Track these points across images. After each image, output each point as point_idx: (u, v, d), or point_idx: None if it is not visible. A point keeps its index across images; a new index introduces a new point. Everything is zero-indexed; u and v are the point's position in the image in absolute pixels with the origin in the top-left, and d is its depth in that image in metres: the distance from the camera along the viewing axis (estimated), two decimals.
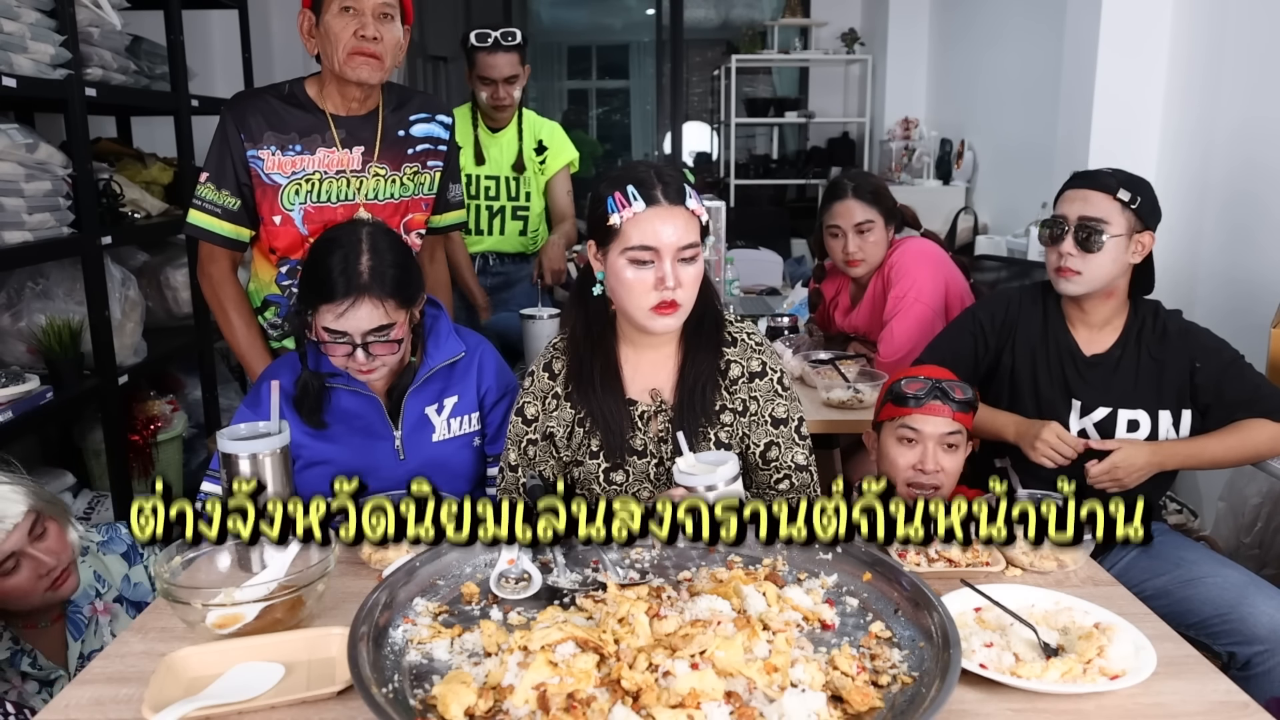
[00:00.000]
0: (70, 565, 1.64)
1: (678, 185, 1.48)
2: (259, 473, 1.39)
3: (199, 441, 3.47)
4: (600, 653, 1.04)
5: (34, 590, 1.58)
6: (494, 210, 3.07)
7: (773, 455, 1.61)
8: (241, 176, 1.97)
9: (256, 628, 1.19)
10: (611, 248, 1.49)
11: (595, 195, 1.53)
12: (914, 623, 1.15)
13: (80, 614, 1.70)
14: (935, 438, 1.68)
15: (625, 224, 1.46)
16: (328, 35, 1.89)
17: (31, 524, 1.58)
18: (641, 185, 1.46)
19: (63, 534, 1.64)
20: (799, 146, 6.81)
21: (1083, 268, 1.83)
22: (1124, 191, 1.82)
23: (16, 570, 1.56)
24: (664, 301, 1.47)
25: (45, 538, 1.60)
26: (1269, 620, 1.63)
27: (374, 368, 1.63)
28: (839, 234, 2.53)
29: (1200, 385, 1.85)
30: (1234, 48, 2.86)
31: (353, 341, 1.59)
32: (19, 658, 1.64)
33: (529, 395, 1.64)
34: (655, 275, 1.46)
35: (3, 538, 1.54)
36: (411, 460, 1.75)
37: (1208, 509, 2.87)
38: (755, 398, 1.61)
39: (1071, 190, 1.87)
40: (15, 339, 2.67)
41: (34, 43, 2.43)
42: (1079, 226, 1.82)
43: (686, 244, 1.47)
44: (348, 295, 1.56)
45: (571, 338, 1.62)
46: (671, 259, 1.46)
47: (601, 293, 1.56)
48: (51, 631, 1.69)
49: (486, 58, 2.88)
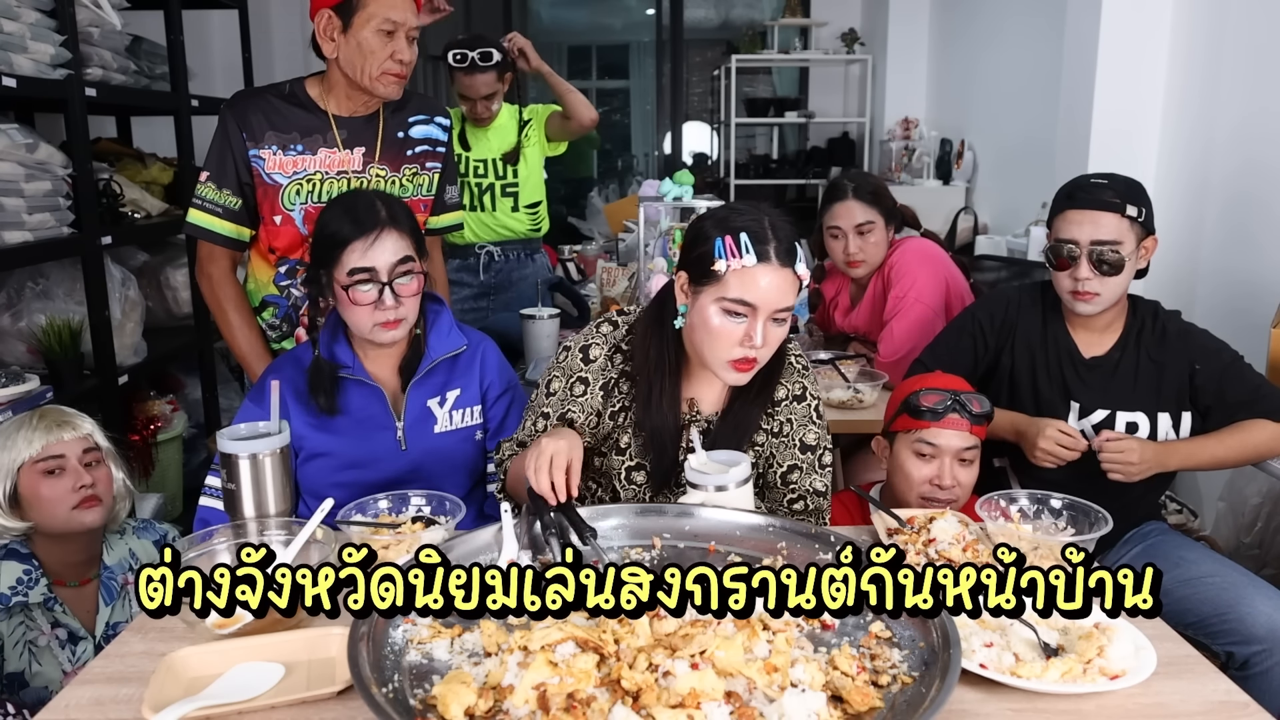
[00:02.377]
0: (104, 500, 1.79)
1: (789, 244, 1.42)
2: (259, 473, 1.39)
3: (199, 441, 3.47)
4: (600, 653, 1.04)
5: (65, 500, 1.73)
6: (483, 187, 3.14)
7: (793, 479, 1.61)
8: (243, 176, 1.97)
9: (256, 628, 1.19)
10: (706, 290, 1.43)
11: (699, 231, 1.46)
12: (914, 623, 1.15)
13: (114, 580, 1.83)
14: (953, 452, 1.67)
15: (729, 273, 1.40)
16: (360, 49, 1.89)
17: (89, 448, 1.79)
18: (756, 239, 1.39)
19: (110, 476, 1.82)
20: (799, 146, 6.80)
21: (1101, 289, 1.81)
22: (1132, 208, 1.79)
23: (58, 474, 1.74)
24: (745, 358, 1.43)
25: (95, 468, 1.79)
26: (1267, 620, 1.63)
27: (399, 317, 1.67)
28: (839, 234, 2.53)
29: (1200, 387, 1.85)
30: (1233, 48, 2.86)
31: (379, 280, 1.63)
32: (52, 604, 1.76)
33: (557, 370, 1.60)
34: (744, 330, 1.41)
35: (59, 440, 1.76)
36: (413, 451, 1.76)
37: (1208, 509, 2.87)
38: (791, 420, 1.60)
39: (1076, 211, 1.82)
40: (15, 339, 2.67)
41: (34, 43, 2.43)
42: (1093, 251, 1.79)
43: (784, 307, 1.42)
44: (373, 228, 1.64)
45: (642, 363, 1.55)
46: (765, 319, 1.41)
47: (681, 326, 1.50)
48: (82, 594, 1.81)
49: (464, 77, 2.98)
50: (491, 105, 3.03)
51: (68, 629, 1.76)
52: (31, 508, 1.74)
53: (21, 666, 1.71)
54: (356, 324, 1.68)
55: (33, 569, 1.74)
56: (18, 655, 1.71)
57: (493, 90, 2.99)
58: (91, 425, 1.83)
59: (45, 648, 1.73)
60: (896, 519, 1.52)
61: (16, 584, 1.71)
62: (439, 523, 1.44)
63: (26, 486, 1.73)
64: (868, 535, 1.53)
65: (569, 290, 3.39)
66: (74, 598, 1.79)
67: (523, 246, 3.25)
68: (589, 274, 4.42)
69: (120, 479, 1.85)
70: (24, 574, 1.73)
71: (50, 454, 1.74)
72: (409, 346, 1.79)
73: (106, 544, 1.84)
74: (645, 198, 2.74)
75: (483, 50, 2.93)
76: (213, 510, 1.67)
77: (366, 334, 1.69)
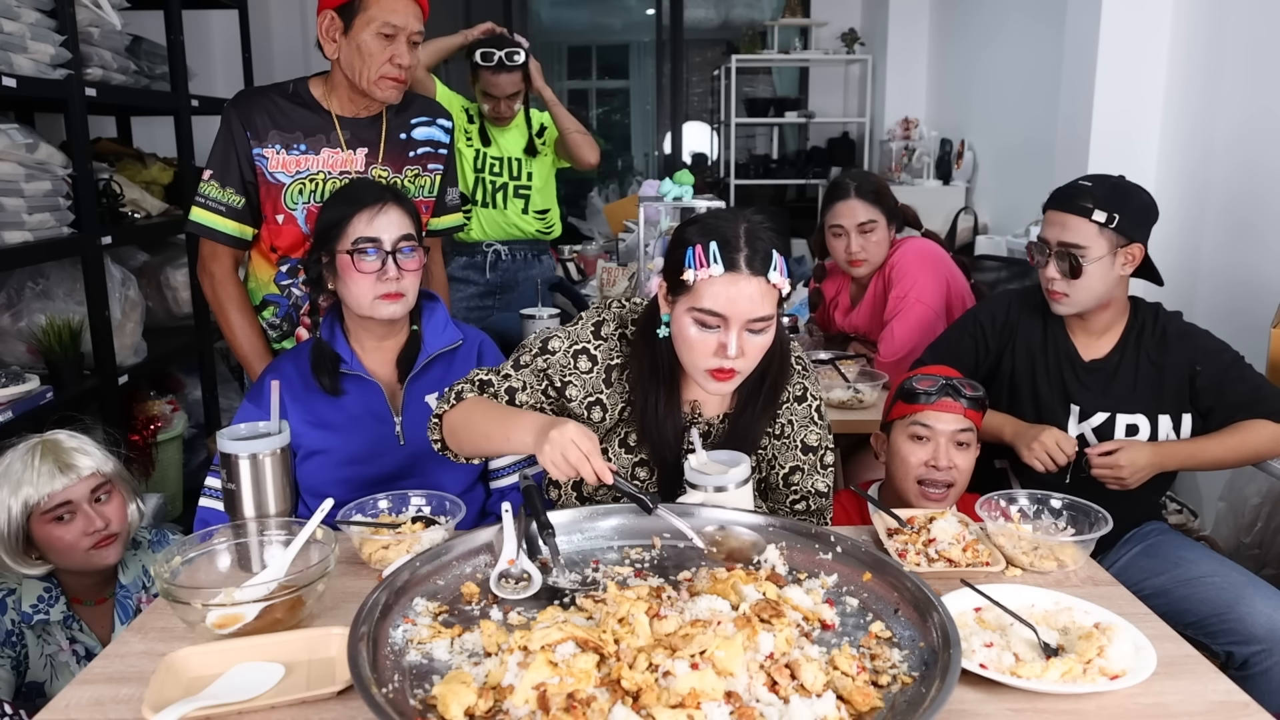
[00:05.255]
0: (119, 535, 1.75)
1: (765, 252, 1.37)
2: (259, 473, 1.39)
3: (199, 441, 3.47)
4: (600, 653, 1.04)
5: (78, 545, 1.69)
6: (496, 185, 3.14)
7: (795, 480, 1.60)
8: (246, 174, 1.97)
9: (256, 628, 1.19)
10: (680, 300, 1.41)
11: (677, 238, 1.42)
12: (914, 623, 1.15)
13: (129, 599, 1.81)
14: (947, 434, 1.68)
15: (698, 283, 1.37)
16: (360, 52, 1.89)
17: (97, 485, 1.72)
18: (726, 246, 1.35)
19: (123, 506, 1.77)
20: (799, 146, 6.80)
21: (1069, 290, 1.82)
22: (1100, 213, 1.78)
23: (69, 520, 1.69)
24: (722, 368, 1.40)
25: (105, 503, 1.74)
26: (1267, 620, 1.63)
27: (402, 289, 1.70)
28: (842, 233, 2.53)
29: (1201, 389, 1.84)
30: (1233, 48, 2.86)
31: (383, 250, 1.67)
32: (70, 621, 1.75)
33: (561, 333, 1.56)
34: (718, 340, 1.38)
35: (66, 485, 1.68)
36: (412, 446, 1.76)
37: (1208, 509, 2.87)
38: (792, 421, 1.59)
39: (1051, 212, 1.85)
40: (15, 339, 2.67)
41: (34, 43, 2.43)
42: (1059, 253, 1.81)
43: (758, 317, 1.38)
44: (380, 200, 1.70)
45: (638, 375, 1.52)
46: (739, 328, 1.37)
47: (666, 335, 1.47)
48: (97, 611, 1.80)
49: (490, 76, 2.99)
50: (514, 105, 3.05)
51: (85, 646, 1.76)
52: (48, 550, 1.71)
53: (44, 678, 1.72)
54: (358, 297, 1.69)
55: (53, 587, 1.74)
56: (41, 667, 1.72)
57: (517, 89, 3.02)
58: (95, 454, 1.75)
59: (64, 664, 1.73)
60: (896, 519, 1.52)
61: (38, 601, 1.72)
62: (439, 523, 1.44)
63: (38, 533, 1.69)
64: (868, 535, 1.53)
65: (569, 290, 3.40)
66: (91, 616, 1.79)
67: (530, 247, 3.26)
68: (589, 274, 4.42)
69: (134, 508, 1.80)
70: (44, 592, 1.73)
71: (57, 502, 1.68)
72: (406, 342, 1.79)
73: (122, 563, 1.81)
74: (645, 198, 2.74)
75: (509, 50, 2.96)
76: (213, 510, 1.67)
77: (366, 308, 1.69)
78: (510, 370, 1.54)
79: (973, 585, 1.26)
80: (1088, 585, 1.38)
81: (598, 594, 1.22)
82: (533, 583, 1.26)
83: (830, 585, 1.28)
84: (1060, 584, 1.37)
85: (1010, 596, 1.27)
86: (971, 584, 1.27)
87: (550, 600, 1.23)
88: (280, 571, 1.27)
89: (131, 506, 1.79)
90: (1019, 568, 1.42)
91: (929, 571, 1.39)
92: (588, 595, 1.22)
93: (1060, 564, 1.41)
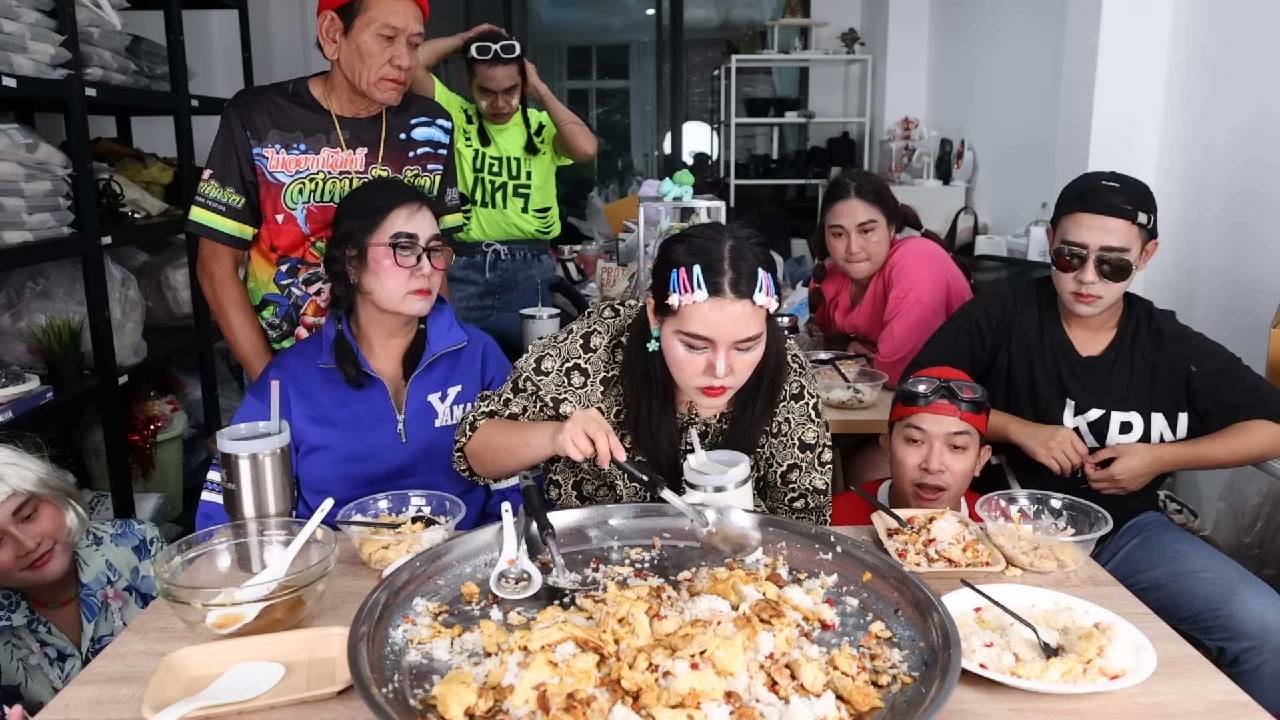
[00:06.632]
0: (55, 549, 1.65)
1: (750, 273, 1.36)
2: (259, 473, 1.39)
3: (199, 441, 3.47)
4: (600, 653, 1.04)
5: (13, 568, 1.60)
6: (495, 185, 3.15)
7: (793, 478, 1.61)
8: (247, 174, 1.97)
9: (256, 628, 1.19)
10: (668, 320, 1.41)
11: (663, 257, 1.42)
12: (914, 623, 1.15)
13: (94, 597, 1.74)
14: (941, 437, 1.67)
15: (684, 307, 1.37)
16: (359, 53, 1.89)
17: (19, 505, 1.59)
18: (710, 270, 1.35)
19: (58, 517, 1.66)
20: (799, 146, 6.80)
21: (1104, 293, 1.81)
22: (1143, 215, 1.78)
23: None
24: (711, 386, 1.41)
25: (34, 520, 1.62)
26: (1257, 617, 1.63)
27: (431, 286, 1.75)
28: (842, 233, 2.53)
29: (1197, 389, 1.84)
30: (1234, 48, 2.86)
31: (419, 246, 1.72)
32: (36, 625, 1.70)
33: (552, 350, 1.57)
34: (706, 360, 1.39)
35: None
36: (413, 444, 1.77)
37: (1208, 509, 2.87)
38: (789, 419, 1.60)
39: (1088, 215, 1.78)
40: (15, 339, 2.66)
41: (34, 43, 2.43)
42: (1102, 258, 1.78)
43: (745, 338, 1.38)
44: (417, 199, 1.76)
45: (631, 386, 1.53)
46: (726, 349, 1.38)
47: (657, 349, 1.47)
48: (64, 613, 1.74)
49: (486, 70, 2.99)
50: (512, 99, 3.06)
51: (55, 647, 1.71)
52: None
53: (18, 681, 1.67)
54: (390, 290, 1.71)
55: (12, 593, 1.66)
56: (14, 671, 1.67)
57: (514, 83, 3.03)
58: (9, 473, 1.60)
59: (36, 666, 1.68)
60: (896, 519, 1.52)
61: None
62: (439, 523, 1.44)
63: None
64: (868, 535, 1.53)
65: (569, 290, 3.40)
66: (58, 617, 1.72)
67: (529, 247, 3.26)
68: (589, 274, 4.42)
69: (70, 514, 1.68)
70: (3, 598, 1.66)
71: None
72: (412, 340, 1.80)
73: (81, 562, 1.74)
74: (645, 198, 2.74)
75: (505, 43, 2.96)
76: (215, 505, 1.66)
77: (397, 303, 1.72)
78: (510, 395, 1.60)
79: (973, 585, 1.27)
80: (1088, 585, 1.38)
81: (598, 594, 1.22)
82: (533, 583, 1.26)
83: (830, 585, 1.28)
84: (1060, 584, 1.37)
85: (1010, 596, 1.27)
86: (971, 584, 1.27)
87: (550, 600, 1.24)
88: (280, 571, 1.27)
89: (69, 514, 1.68)
90: (1019, 568, 1.42)
91: (929, 571, 1.39)
92: (588, 595, 1.22)
93: (1060, 564, 1.41)
